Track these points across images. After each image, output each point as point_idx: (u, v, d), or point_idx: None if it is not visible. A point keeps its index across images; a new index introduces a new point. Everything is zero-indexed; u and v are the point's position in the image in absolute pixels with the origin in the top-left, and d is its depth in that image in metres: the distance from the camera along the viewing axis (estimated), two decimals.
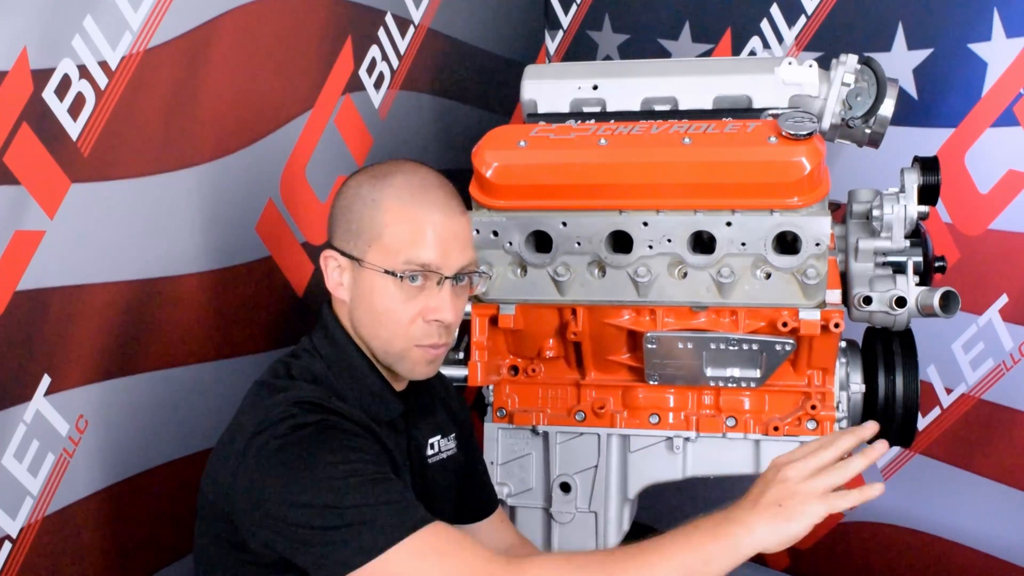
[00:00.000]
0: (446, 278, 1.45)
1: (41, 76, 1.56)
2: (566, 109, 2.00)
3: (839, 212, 1.98)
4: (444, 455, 1.65)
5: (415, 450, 1.57)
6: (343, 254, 1.46)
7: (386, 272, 1.42)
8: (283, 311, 2.27)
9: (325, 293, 1.52)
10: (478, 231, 1.85)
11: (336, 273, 1.48)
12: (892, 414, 1.99)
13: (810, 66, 1.92)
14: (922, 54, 2.55)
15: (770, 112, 1.89)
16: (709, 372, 1.92)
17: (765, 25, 2.84)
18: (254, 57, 2.07)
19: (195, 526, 1.47)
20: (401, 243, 1.42)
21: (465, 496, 1.74)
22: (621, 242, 1.84)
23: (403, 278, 1.42)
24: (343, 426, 1.35)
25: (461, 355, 2.08)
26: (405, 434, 1.55)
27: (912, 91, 2.56)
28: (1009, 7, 2.41)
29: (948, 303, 1.81)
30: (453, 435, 1.68)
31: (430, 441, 1.63)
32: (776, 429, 1.96)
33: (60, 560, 1.74)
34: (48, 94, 1.58)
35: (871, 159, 2.17)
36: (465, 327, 2.10)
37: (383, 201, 1.44)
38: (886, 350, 2.00)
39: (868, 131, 1.97)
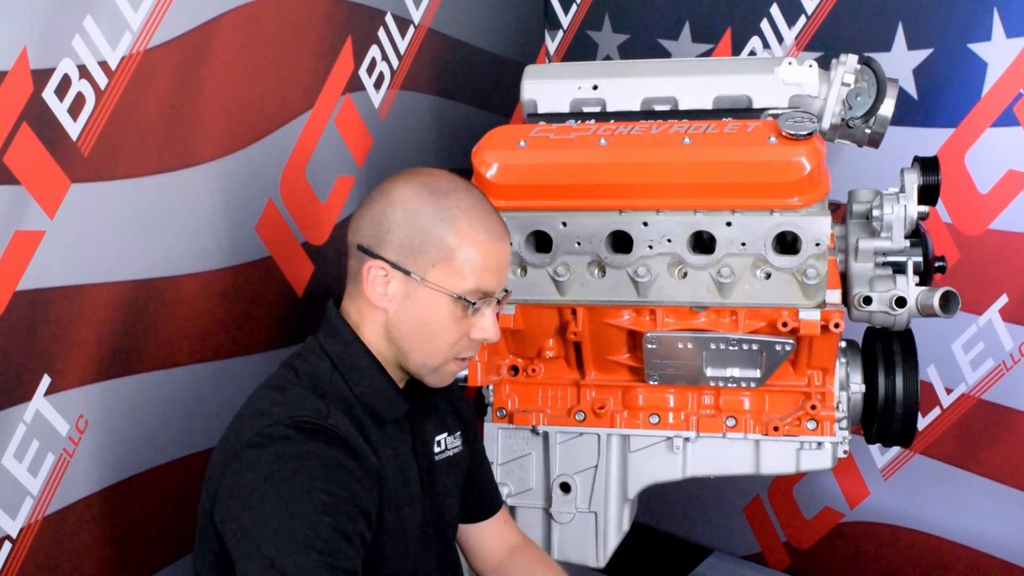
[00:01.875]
0: (497, 300, 1.51)
1: (41, 76, 1.56)
2: (566, 109, 2.00)
3: (839, 212, 1.98)
4: (451, 452, 1.65)
5: (422, 448, 1.58)
6: (396, 267, 1.45)
7: (456, 297, 1.44)
8: (283, 311, 2.27)
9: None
10: None
11: (381, 285, 1.46)
12: (892, 414, 1.99)
13: (810, 66, 1.92)
14: (922, 54, 2.55)
15: (770, 112, 1.90)
16: (709, 372, 1.92)
17: (765, 25, 2.84)
18: (254, 57, 2.07)
19: (198, 522, 1.48)
20: (471, 269, 1.44)
21: (469, 496, 1.74)
22: (621, 242, 1.84)
23: (469, 303, 1.45)
24: (324, 464, 1.35)
25: None
26: (410, 432, 1.55)
27: (912, 91, 2.56)
28: (1009, 7, 2.41)
29: (948, 303, 1.81)
30: (459, 433, 1.69)
31: (437, 439, 1.63)
32: (776, 429, 1.96)
33: (60, 560, 1.74)
34: (48, 94, 1.58)
35: (871, 159, 2.17)
36: None
37: (454, 223, 1.44)
38: (886, 350, 2.00)
39: (868, 131, 1.97)
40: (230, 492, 1.35)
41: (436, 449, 1.62)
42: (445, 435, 1.65)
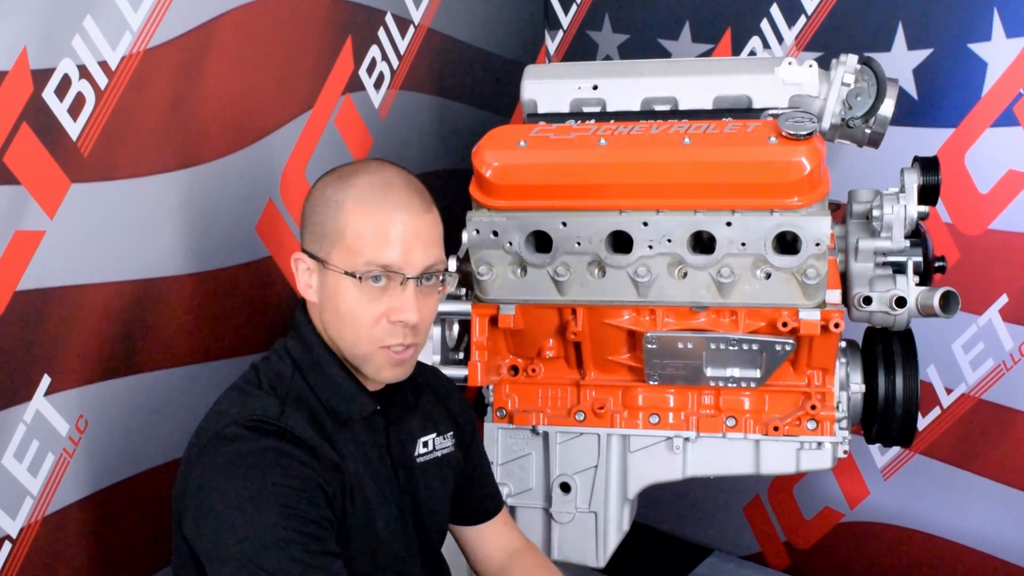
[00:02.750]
0: (409, 278, 1.42)
1: (41, 76, 1.56)
2: (566, 109, 2.01)
3: (839, 212, 1.98)
4: (439, 453, 1.64)
5: (398, 449, 1.56)
6: (310, 256, 1.45)
7: (347, 274, 1.41)
8: (283, 311, 2.26)
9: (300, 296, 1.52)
10: (478, 231, 1.85)
11: (305, 275, 1.47)
12: (892, 414, 1.99)
13: (810, 66, 1.92)
14: (922, 54, 2.55)
15: (770, 112, 1.90)
16: (709, 372, 1.92)
17: (765, 25, 2.84)
18: (254, 57, 2.07)
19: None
20: (362, 244, 1.41)
21: (467, 498, 1.73)
22: (621, 242, 1.84)
23: (363, 279, 1.41)
24: (281, 460, 1.35)
25: (461, 355, 2.09)
26: (384, 433, 1.54)
27: (912, 91, 2.56)
28: (1009, 7, 2.41)
29: (948, 303, 1.81)
30: (451, 433, 1.67)
31: (422, 439, 1.61)
32: (776, 429, 1.96)
33: (60, 560, 1.74)
34: (48, 94, 1.58)
35: (871, 159, 2.17)
36: (465, 327, 2.10)
37: (345, 202, 1.42)
38: (886, 350, 2.00)
39: (868, 131, 1.97)
40: (192, 497, 1.36)
41: (421, 450, 1.61)
42: (433, 436, 1.63)
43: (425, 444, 1.62)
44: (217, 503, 1.32)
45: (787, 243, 1.81)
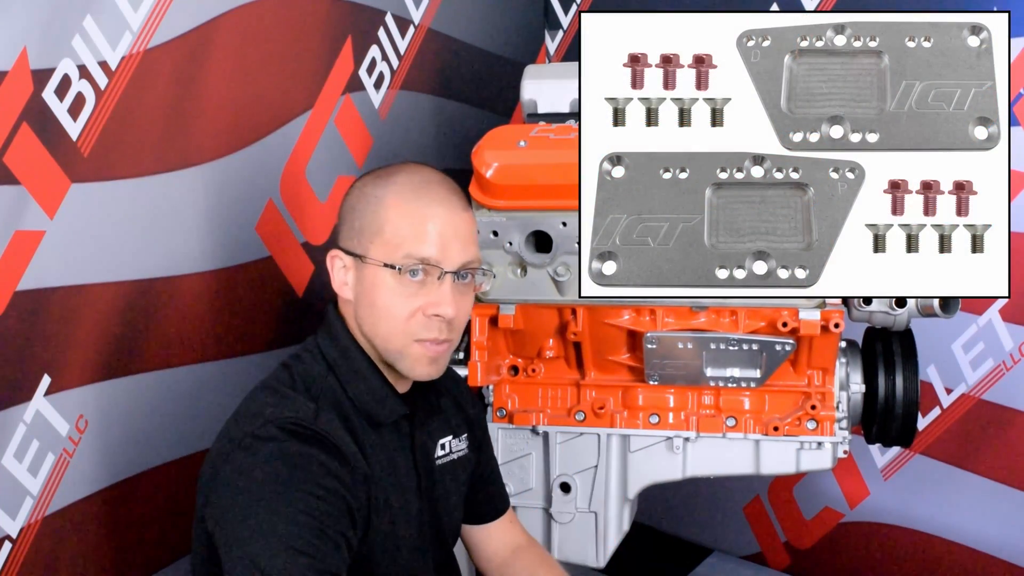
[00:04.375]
0: (446, 272, 1.44)
1: (41, 76, 1.56)
2: (566, 109, 2.01)
3: None
4: (455, 456, 1.64)
5: (421, 452, 1.56)
6: (347, 252, 1.47)
7: (386, 266, 1.42)
8: (283, 311, 2.27)
9: (331, 293, 1.52)
10: (478, 231, 1.85)
11: (341, 272, 1.48)
12: (892, 414, 1.99)
13: None
14: None
15: None
16: (709, 372, 1.92)
17: None
18: (254, 57, 2.07)
19: (194, 519, 1.49)
20: (401, 237, 1.43)
21: (477, 497, 1.73)
22: None
23: (403, 271, 1.42)
24: (311, 467, 1.35)
25: (461, 355, 2.08)
26: (409, 436, 1.54)
27: None
28: (1009, 7, 2.40)
29: (948, 303, 1.81)
30: (465, 436, 1.68)
31: (440, 442, 1.62)
32: (776, 429, 1.96)
33: (60, 560, 1.74)
34: (48, 94, 1.58)
35: None
36: (466, 327, 2.10)
37: (386, 198, 1.45)
38: (886, 350, 2.00)
39: None
40: (218, 493, 1.36)
41: (439, 452, 1.61)
42: (450, 438, 1.64)
43: (443, 446, 1.62)
44: (243, 499, 1.32)
45: None
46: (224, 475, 1.35)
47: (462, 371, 1.99)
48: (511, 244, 1.86)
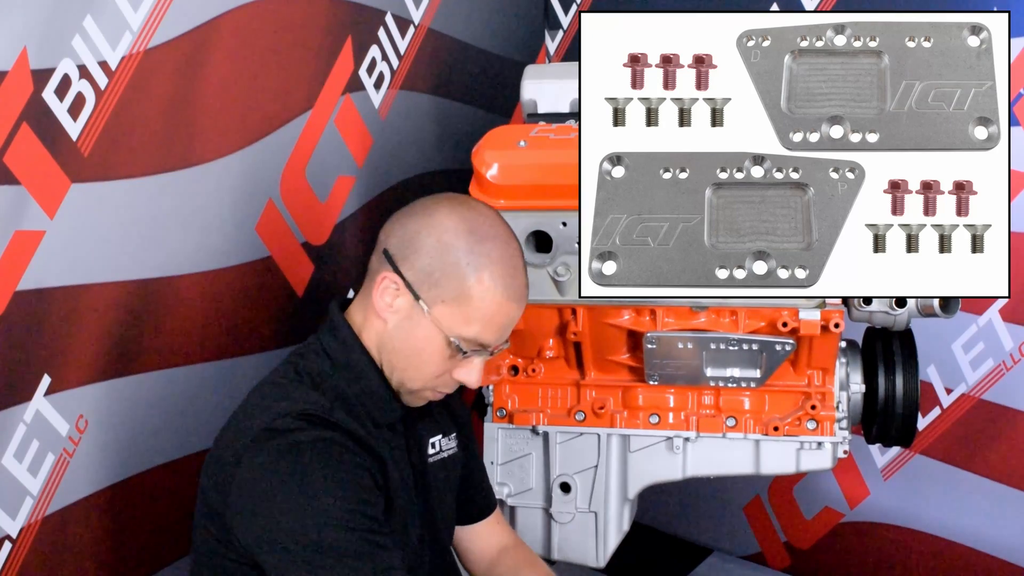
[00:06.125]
0: (487, 350, 1.49)
1: (41, 76, 1.56)
2: (566, 109, 2.01)
3: None
4: (445, 454, 1.65)
5: (416, 450, 1.57)
6: (410, 288, 1.44)
7: (449, 336, 1.44)
8: (283, 311, 2.27)
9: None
10: None
11: (389, 296, 1.46)
12: (892, 414, 1.99)
13: None
14: None
15: None
16: (709, 372, 1.92)
17: None
18: (254, 57, 2.06)
19: (194, 519, 1.48)
20: (477, 319, 1.44)
21: (465, 498, 1.74)
22: None
23: (460, 348, 1.45)
24: (337, 450, 1.36)
25: None
26: (403, 435, 1.55)
27: None
28: (1009, 7, 2.40)
29: (948, 303, 1.81)
30: (454, 435, 1.68)
31: (431, 440, 1.63)
32: (776, 429, 1.96)
33: (60, 560, 1.74)
34: (48, 94, 1.58)
35: None
36: None
37: (480, 274, 1.42)
38: (886, 350, 2.00)
39: None
40: (245, 490, 1.35)
41: (431, 451, 1.62)
42: (439, 437, 1.65)
43: (433, 445, 1.63)
44: (275, 492, 1.32)
45: None
46: (243, 476, 1.35)
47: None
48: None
